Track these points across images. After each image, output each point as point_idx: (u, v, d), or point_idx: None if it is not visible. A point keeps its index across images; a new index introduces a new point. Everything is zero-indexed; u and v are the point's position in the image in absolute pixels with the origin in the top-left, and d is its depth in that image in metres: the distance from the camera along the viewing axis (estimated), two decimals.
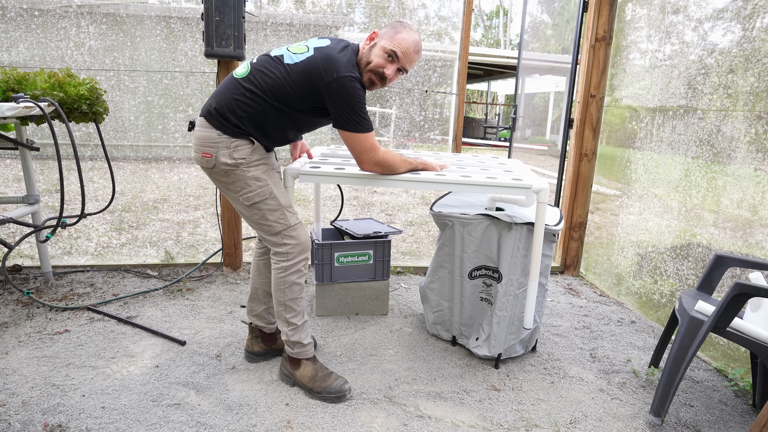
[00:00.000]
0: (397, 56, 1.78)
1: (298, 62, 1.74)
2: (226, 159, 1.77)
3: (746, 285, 1.63)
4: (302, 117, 1.82)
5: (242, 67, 1.83)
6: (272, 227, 1.85)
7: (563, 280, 3.41)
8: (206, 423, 1.76)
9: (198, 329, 2.44)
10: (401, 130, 4.38)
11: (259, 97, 1.75)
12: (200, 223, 4.35)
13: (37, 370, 2.02)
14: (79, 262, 3.26)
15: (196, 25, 4.80)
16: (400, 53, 1.78)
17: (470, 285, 2.28)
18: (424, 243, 4.14)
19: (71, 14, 4.11)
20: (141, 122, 5.46)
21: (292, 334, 1.93)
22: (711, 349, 2.41)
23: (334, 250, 2.54)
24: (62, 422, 1.72)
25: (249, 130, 1.78)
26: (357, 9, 4.43)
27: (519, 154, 4.62)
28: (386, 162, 1.85)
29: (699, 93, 2.50)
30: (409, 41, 1.79)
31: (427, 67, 3.80)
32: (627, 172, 3.05)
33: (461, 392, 2.03)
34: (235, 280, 3.08)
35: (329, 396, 1.91)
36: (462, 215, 2.19)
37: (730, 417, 1.96)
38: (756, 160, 2.20)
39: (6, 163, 6.17)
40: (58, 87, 2.53)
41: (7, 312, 2.52)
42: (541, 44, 4.56)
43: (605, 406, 1.99)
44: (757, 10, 2.22)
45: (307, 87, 1.73)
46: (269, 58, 1.79)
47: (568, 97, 3.42)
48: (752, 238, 2.23)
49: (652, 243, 2.80)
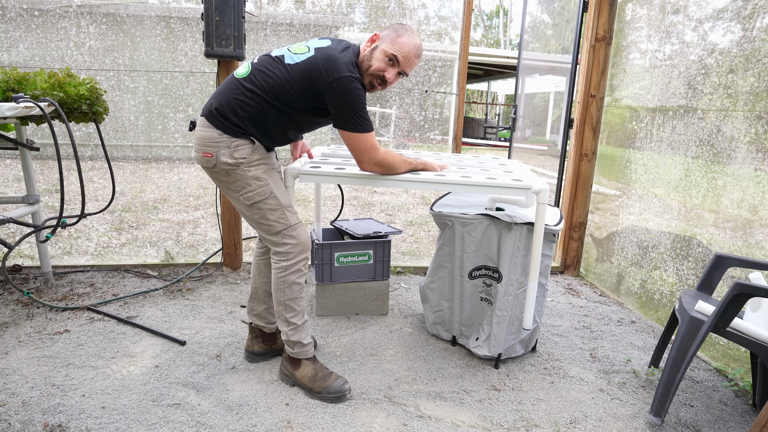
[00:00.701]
0: (397, 60, 1.79)
1: (299, 62, 1.74)
2: (226, 158, 1.77)
3: (746, 285, 1.63)
4: (303, 117, 1.82)
5: (243, 67, 1.83)
6: (272, 227, 1.85)
7: (563, 280, 3.41)
8: (206, 423, 1.76)
9: (198, 329, 2.44)
10: (401, 130, 4.38)
11: (260, 97, 1.75)
12: (200, 223, 4.35)
13: (37, 370, 2.02)
14: (79, 262, 3.26)
15: (196, 25, 4.80)
16: (401, 57, 1.79)
17: (470, 285, 2.28)
18: (424, 243, 4.15)
19: (71, 14, 4.11)
20: (141, 122, 5.46)
21: (292, 333, 1.93)
22: (711, 349, 2.41)
23: (334, 250, 2.54)
24: (62, 422, 1.72)
25: (249, 129, 1.79)
26: (357, 9, 4.43)
27: (519, 154, 4.62)
28: (386, 162, 1.85)
29: (699, 93, 2.50)
30: (410, 45, 1.79)
31: (427, 67, 3.80)
32: (627, 172, 3.05)
33: (461, 392, 2.03)
34: (235, 280, 3.08)
35: (329, 396, 1.91)
36: (462, 215, 2.19)
37: (730, 417, 1.96)
38: (756, 160, 2.20)
39: (6, 163, 6.17)
40: (58, 87, 2.53)
41: (7, 312, 2.52)
42: (541, 44, 4.56)
43: (605, 406, 1.99)
44: (757, 10, 2.22)
45: (308, 87, 1.73)
46: (270, 59, 1.80)
47: (568, 97, 3.42)
48: (752, 238, 2.23)
49: (652, 243, 2.80)
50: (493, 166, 2.36)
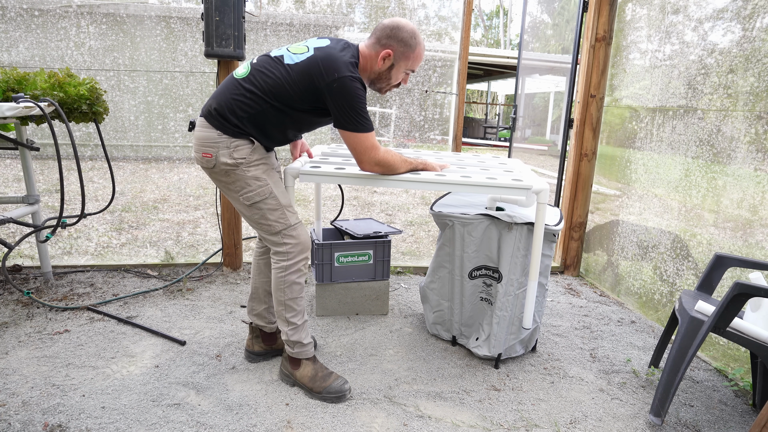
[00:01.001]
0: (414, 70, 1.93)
1: (299, 62, 1.74)
2: (226, 159, 1.77)
3: (746, 285, 1.63)
4: (302, 117, 1.83)
5: (242, 68, 1.83)
6: (272, 227, 1.85)
7: (563, 280, 3.41)
8: (206, 423, 1.76)
9: (198, 329, 2.44)
10: (401, 130, 4.38)
11: (260, 97, 1.75)
12: (200, 223, 4.35)
13: (37, 370, 2.02)
14: (79, 262, 3.26)
15: (196, 25, 4.80)
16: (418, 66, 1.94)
17: (470, 285, 2.28)
18: (424, 243, 4.15)
19: (71, 14, 4.11)
20: (141, 122, 5.46)
21: (292, 333, 1.93)
22: (711, 349, 2.41)
23: (334, 250, 2.54)
24: (62, 422, 1.72)
25: (249, 130, 1.79)
26: (357, 9, 4.43)
27: (519, 154, 4.62)
28: (386, 162, 1.86)
29: (699, 93, 2.50)
30: (423, 52, 1.91)
31: (427, 67, 3.80)
32: (627, 172, 3.05)
33: (461, 392, 2.03)
34: (235, 280, 3.08)
35: (329, 396, 1.91)
36: (462, 215, 2.19)
37: (730, 417, 1.96)
38: (756, 160, 2.20)
39: (6, 163, 6.17)
40: (58, 87, 2.53)
41: (7, 312, 2.52)
42: (541, 44, 4.56)
43: (605, 406, 1.99)
44: (757, 10, 2.22)
45: (308, 87, 1.73)
46: (269, 59, 1.80)
47: (568, 97, 3.42)
48: (752, 238, 2.23)
49: (652, 243, 2.80)
50: (494, 165, 2.36)
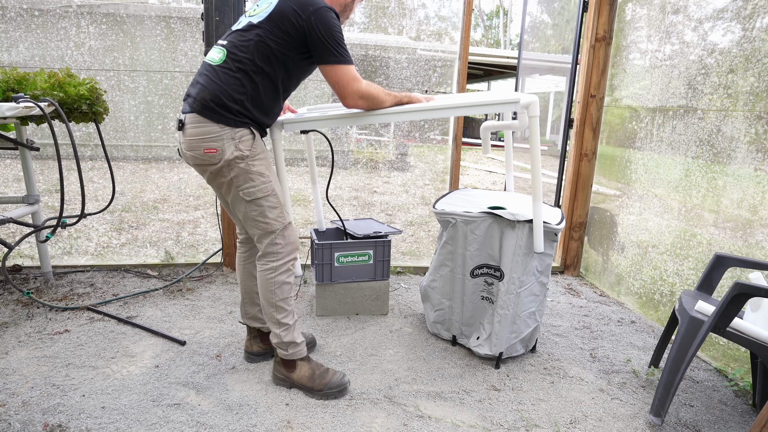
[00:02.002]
0: None
1: (269, 14, 1.74)
2: (233, 150, 1.75)
3: (746, 285, 1.63)
4: (291, 68, 1.81)
5: (216, 53, 1.80)
6: (269, 225, 1.84)
7: (563, 280, 3.41)
8: (206, 423, 1.76)
9: (198, 329, 2.44)
10: (401, 130, 4.38)
11: (249, 68, 1.74)
12: (200, 223, 4.35)
13: (37, 370, 2.02)
14: (79, 262, 3.26)
15: (196, 25, 4.80)
16: None
17: (472, 283, 2.28)
18: (424, 243, 4.14)
19: (71, 14, 4.11)
20: (141, 122, 5.46)
21: (285, 334, 1.92)
22: (711, 349, 2.41)
23: (334, 250, 2.54)
24: (62, 422, 1.72)
25: (250, 113, 1.77)
26: (357, 9, 4.43)
27: (519, 154, 4.62)
28: (370, 94, 1.84)
29: (699, 93, 2.50)
30: None
31: (427, 67, 3.80)
32: (627, 172, 3.05)
33: (461, 392, 2.03)
34: (235, 280, 3.08)
35: (331, 391, 1.91)
36: (465, 213, 2.19)
37: (730, 417, 1.96)
38: (756, 160, 2.20)
39: (6, 163, 6.17)
40: (58, 87, 2.53)
41: (7, 312, 2.51)
42: (541, 44, 4.56)
43: (605, 406, 1.99)
44: (757, 10, 2.22)
45: (288, 30, 1.72)
46: (238, 33, 1.79)
47: (568, 97, 3.42)
48: (752, 238, 2.23)
49: (652, 243, 2.80)
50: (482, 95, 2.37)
